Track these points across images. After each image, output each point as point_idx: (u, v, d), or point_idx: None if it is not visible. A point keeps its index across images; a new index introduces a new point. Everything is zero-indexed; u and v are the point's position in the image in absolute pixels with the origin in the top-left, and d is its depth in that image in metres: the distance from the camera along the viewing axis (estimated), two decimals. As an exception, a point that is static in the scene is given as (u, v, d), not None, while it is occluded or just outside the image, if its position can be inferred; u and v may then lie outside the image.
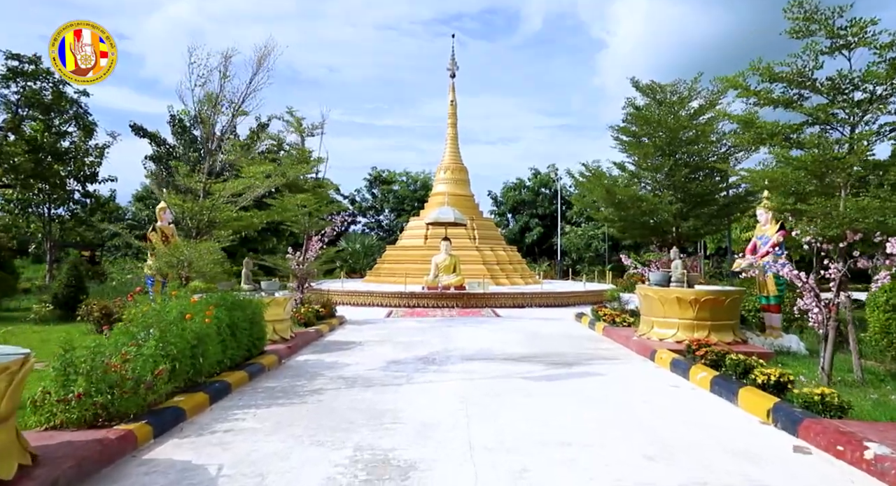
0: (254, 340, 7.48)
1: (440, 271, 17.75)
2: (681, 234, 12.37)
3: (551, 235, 41.23)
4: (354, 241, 39.52)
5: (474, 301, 16.79)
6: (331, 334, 11.16)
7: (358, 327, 12.16)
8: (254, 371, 6.97)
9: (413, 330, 11.54)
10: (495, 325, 12.52)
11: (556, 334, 10.84)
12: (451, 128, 23.63)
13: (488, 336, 10.57)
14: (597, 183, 12.07)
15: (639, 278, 13.65)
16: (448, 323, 12.78)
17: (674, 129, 10.84)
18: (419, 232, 22.40)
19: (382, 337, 10.54)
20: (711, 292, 8.57)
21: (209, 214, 6.75)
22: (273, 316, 8.97)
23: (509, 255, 21.99)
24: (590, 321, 12.08)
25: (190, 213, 6.73)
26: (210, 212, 6.73)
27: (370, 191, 45.30)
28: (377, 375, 7.12)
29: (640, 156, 11.27)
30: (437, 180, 23.90)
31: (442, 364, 7.79)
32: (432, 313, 15.07)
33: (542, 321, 13.22)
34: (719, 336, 8.41)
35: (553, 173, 40.16)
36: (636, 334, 9.46)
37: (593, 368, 7.52)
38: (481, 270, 20.22)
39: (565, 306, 17.69)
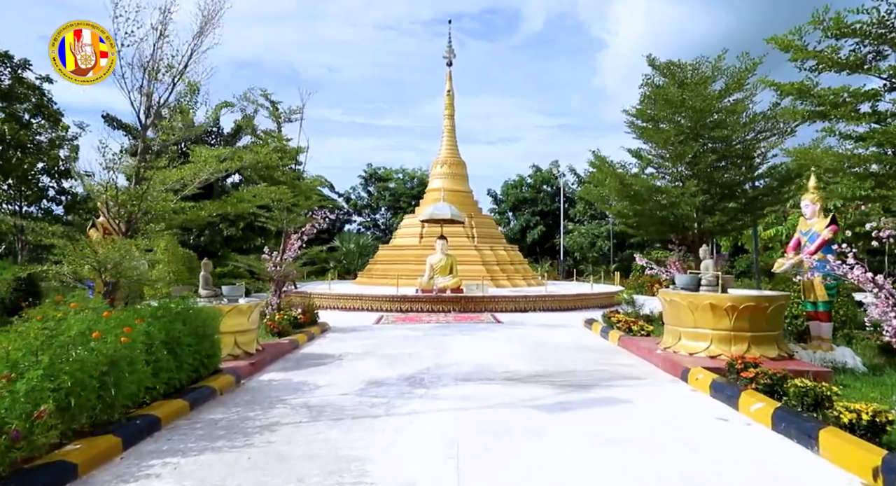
0: (202, 358, 6.21)
1: (435, 273, 16.47)
2: (703, 230, 11.10)
3: (553, 234, 39.95)
4: (349, 240, 38.24)
5: (472, 305, 15.52)
6: (308, 345, 9.88)
7: (341, 336, 10.89)
8: (198, 398, 5.70)
9: (403, 340, 10.27)
10: (495, 333, 11.24)
11: (565, 345, 9.57)
12: (447, 120, 22.34)
13: (487, 348, 9.30)
14: (609, 173, 10.79)
15: (656, 280, 12.25)
16: (443, 331, 11.50)
17: (700, 110, 9.57)
18: (414, 230, 21.13)
19: (367, 349, 9.27)
20: (752, 297, 7.29)
21: (140, 205, 5.47)
22: (234, 327, 7.71)
23: (510, 254, 20.71)
24: (602, 329, 10.81)
25: (114, 203, 5.45)
26: (140, 201, 5.46)
27: (365, 189, 44.02)
28: (351, 402, 5.84)
29: (659, 142, 10.00)
30: (433, 175, 22.60)
31: (431, 386, 6.51)
32: (426, 319, 13.80)
33: (548, 329, 11.94)
34: (761, 350, 7.14)
35: (555, 170, 38.87)
36: (660, 347, 8.18)
37: (614, 391, 6.25)
38: (480, 271, 18.95)
39: (572, 309, 16.42)
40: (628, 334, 9.74)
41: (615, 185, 10.68)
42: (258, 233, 22.65)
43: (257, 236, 22.55)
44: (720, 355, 7.25)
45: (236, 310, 7.73)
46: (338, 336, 10.93)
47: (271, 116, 11.39)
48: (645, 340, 9.19)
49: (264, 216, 11.39)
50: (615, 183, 10.66)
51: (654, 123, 10.51)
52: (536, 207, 40.54)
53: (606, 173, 10.85)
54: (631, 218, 11.28)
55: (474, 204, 22.66)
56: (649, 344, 8.61)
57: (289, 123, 11.51)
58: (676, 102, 9.66)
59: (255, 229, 22.50)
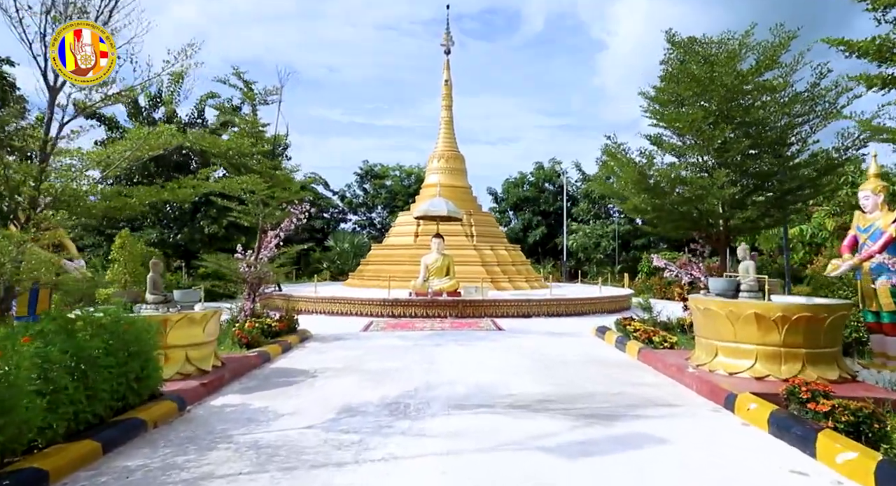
0: (131, 381, 5.00)
1: (431, 274, 15.26)
2: (730, 227, 9.90)
3: (556, 234, 38.74)
4: (343, 240, 37.06)
5: (471, 310, 14.31)
6: (282, 357, 8.67)
7: (322, 347, 9.68)
8: (117, 436, 4.49)
9: (391, 351, 9.06)
10: (496, 342, 10.03)
11: (578, 359, 8.36)
12: (445, 111, 21.11)
13: (487, 362, 8.09)
14: (625, 162, 9.57)
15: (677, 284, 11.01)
16: (437, 340, 10.29)
17: (732, 89, 8.36)
18: (409, 229, 19.90)
19: (348, 363, 8.07)
20: (807, 306, 6.08)
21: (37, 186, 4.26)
22: (185, 339, 6.50)
23: (511, 255, 19.49)
24: (617, 340, 9.59)
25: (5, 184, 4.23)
26: (39, 181, 4.25)
27: (361, 186, 42.72)
28: (314, 440, 4.63)
29: (684, 126, 8.78)
30: (429, 170, 21.34)
31: (418, 417, 5.30)
32: (420, 325, 12.59)
33: (556, 338, 10.73)
34: (819, 371, 5.94)
35: (557, 167, 37.64)
36: (691, 363, 6.98)
37: (645, 425, 5.04)
38: (479, 272, 17.72)
39: (579, 314, 15.21)
40: (649, 347, 8.53)
41: (632, 176, 9.47)
42: (242, 231, 21.41)
43: (242, 235, 21.30)
44: (767, 376, 6.05)
45: (187, 319, 6.51)
46: (318, 347, 9.71)
47: (244, 98, 10.17)
48: (670, 353, 7.97)
49: (237, 211, 10.18)
50: (632, 174, 9.46)
51: (677, 106, 9.30)
52: (538, 206, 39.31)
53: (621, 163, 9.63)
54: (649, 213, 10.06)
55: (473, 200, 21.44)
56: (677, 360, 7.39)
57: (265, 106, 10.30)
58: (704, 79, 8.45)
59: (240, 227, 21.27)
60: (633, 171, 9.25)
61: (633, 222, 37.82)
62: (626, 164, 9.49)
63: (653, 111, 9.79)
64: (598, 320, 13.65)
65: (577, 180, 39.97)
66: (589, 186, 10.10)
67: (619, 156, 9.54)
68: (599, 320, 13.68)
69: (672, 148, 9.54)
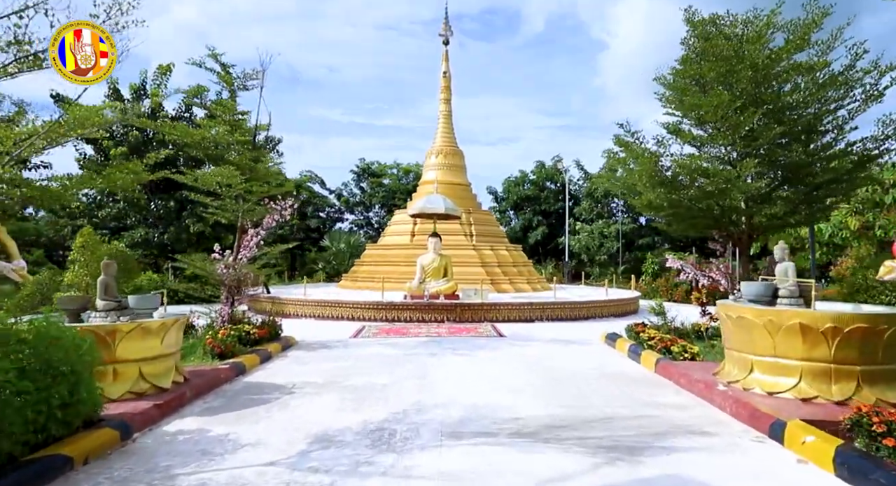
0: (52, 410, 4.13)
1: (427, 275, 14.40)
2: (754, 225, 9.05)
3: (557, 234, 37.89)
4: (339, 239, 36.24)
5: (470, 314, 13.45)
6: (259, 369, 7.81)
7: (305, 356, 8.82)
8: (25, 481, 3.62)
9: (380, 362, 8.20)
10: (497, 351, 9.17)
11: (588, 373, 7.49)
12: (443, 104, 20.24)
13: (487, 375, 7.23)
14: (639, 153, 8.70)
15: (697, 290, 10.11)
16: (432, 348, 9.43)
17: (763, 68, 7.50)
18: (405, 228, 19.04)
19: (330, 377, 7.21)
20: (863, 316, 5.22)
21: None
22: (138, 353, 5.64)
23: (513, 255, 18.62)
24: (630, 349, 8.73)
25: None
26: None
27: (358, 185, 41.85)
28: (273, 483, 3.77)
29: (707, 111, 7.91)
30: (426, 167, 20.46)
31: (405, 449, 4.44)
32: (415, 331, 11.73)
33: (562, 346, 9.87)
34: (877, 392, 5.09)
35: (559, 164, 36.73)
36: (721, 380, 6.12)
37: (678, 462, 4.17)
38: (479, 273, 16.86)
39: (585, 319, 14.36)
40: (667, 358, 7.66)
41: (647, 168, 8.61)
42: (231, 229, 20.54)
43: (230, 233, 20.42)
44: (815, 398, 5.20)
45: (141, 329, 5.65)
46: (301, 356, 8.85)
47: (221, 82, 9.30)
48: (693, 367, 7.11)
49: (213, 207, 9.32)
50: (647, 166, 8.60)
51: (698, 91, 8.43)
52: (539, 205, 38.46)
53: (635, 154, 8.75)
54: (664, 210, 9.20)
55: (473, 198, 20.56)
56: (703, 374, 6.53)
57: (245, 91, 9.42)
58: (731, 57, 7.58)
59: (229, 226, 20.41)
60: (649, 162, 8.38)
61: (636, 221, 36.98)
62: (640, 154, 8.62)
63: (669, 99, 8.93)
64: (606, 326, 12.81)
65: (579, 179, 39.13)
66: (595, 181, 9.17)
67: (632, 146, 8.67)
68: (607, 326, 12.83)
69: (691, 138, 8.67)
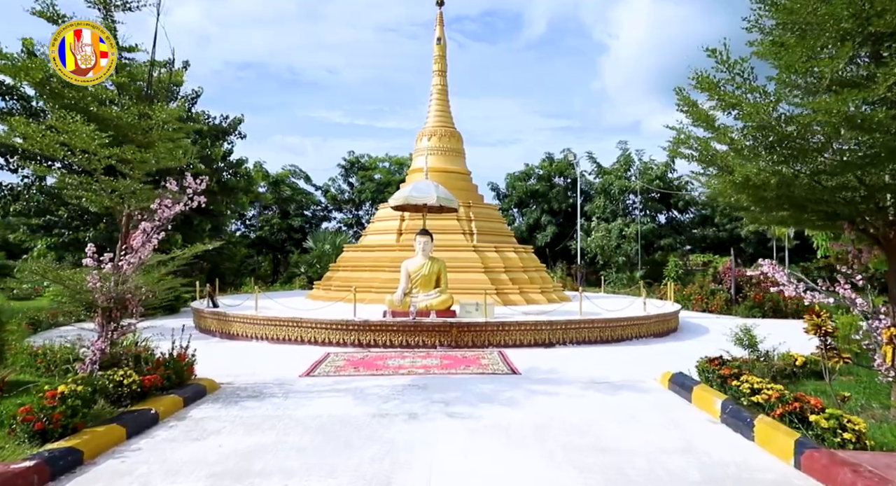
0: None
1: (414, 285, 11.30)
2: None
3: (566, 235, 34.82)
4: (324, 240, 33.07)
5: (470, 336, 10.36)
6: (111, 455, 4.71)
7: (212, 419, 5.73)
8: None
9: (325, 436, 5.12)
10: (514, 409, 6.08)
11: (680, 471, 4.38)
12: (437, 77, 17.11)
13: (504, 476, 4.13)
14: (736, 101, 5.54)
15: (812, 313, 6.77)
16: (414, 400, 6.35)
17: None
18: (390, 225, 15.94)
19: (225, 474, 4.12)
20: None
21: None
22: None
23: (523, 258, 15.50)
24: (727, 412, 5.59)
25: None
26: None
27: (346, 180, 38.69)
28: None
29: (806, 54, 4.86)
30: (416, 152, 17.30)
31: None
32: (393, 363, 8.65)
33: (608, 395, 6.76)
34: None
35: (570, 156, 33.64)
36: None
37: None
38: (481, 281, 13.77)
39: (618, 341, 11.29)
40: (814, 440, 4.54)
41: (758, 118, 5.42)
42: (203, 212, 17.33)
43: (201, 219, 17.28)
44: None
45: None
46: (205, 418, 5.75)
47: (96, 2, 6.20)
48: (877, 461, 4.00)
49: (72, 186, 6.20)
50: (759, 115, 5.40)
51: (791, 23, 5.29)
52: (548, 202, 35.36)
53: (732, 102, 5.59)
54: (769, 191, 6.02)
55: (473, 189, 17.43)
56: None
57: (131, 13, 6.32)
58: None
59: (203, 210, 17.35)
60: (759, 111, 5.25)
61: (655, 220, 33.95)
62: (739, 101, 5.48)
63: (778, 7, 5.71)
64: (650, 352, 9.75)
65: (591, 172, 36.08)
66: (674, 148, 6.05)
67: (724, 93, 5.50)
68: (651, 352, 9.77)
69: (793, 87, 5.53)
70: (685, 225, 34.20)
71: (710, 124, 5.84)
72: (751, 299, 18.24)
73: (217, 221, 17.63)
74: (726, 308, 18.87)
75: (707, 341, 11.81)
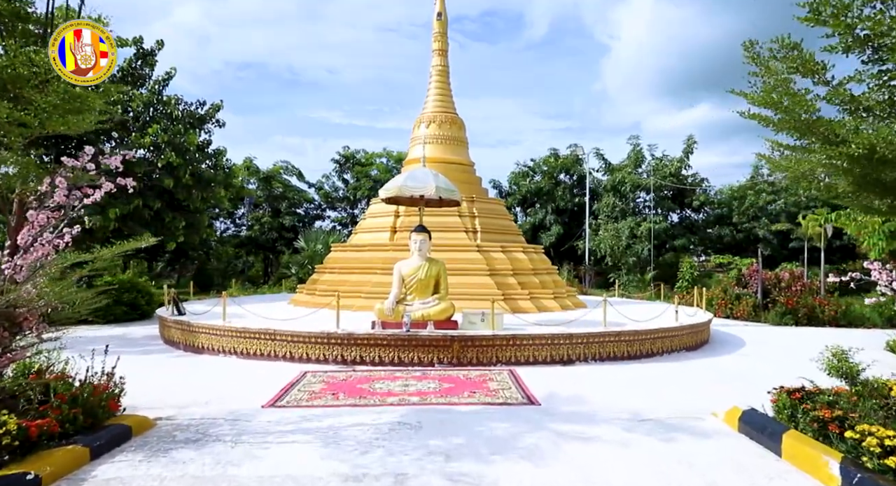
0: None
1: (410, 290, 9.69)
2: None
3: (573, 235, 33.21)
4: (316, 239, 31.45)
5: (475, 353, 8.76)
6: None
7: (121, 484, 4.10)
8: None
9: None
10: (538, 469, 4.48)
11: None
12: (437, 56, 15.50)
13: None
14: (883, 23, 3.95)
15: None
16: (403, 449, 4.74)
17: None
18: (383, 221, 14.33)
19: None
20: None
21: None
22: None
23: (533, 260, 13.88)
24: (855, 482, 3.98)
25: None
26: None
27: (341, 176, 37.04)
28: None
29: None
30: (413, 140, 15.67)
31: None
32: (382, 388, 7.05)
33: (662, 442, 5.14)
34: None
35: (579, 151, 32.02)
36: None
37: None
38: (486, 286, 12.18)
39: (648, 356, 9.72)
40: None
41: None
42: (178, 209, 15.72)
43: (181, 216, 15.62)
44: None
45: None
46: (108, 484, 4.14)
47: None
48: None
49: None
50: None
51: None
52: (553, 201, 33.73)
53: (873, 28, 3.98)
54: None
55: (477, 182, 15.82)
56: None
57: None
58: None
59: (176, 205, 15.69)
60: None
61: (667, 219, 32.37)
62: (884, 31, 3.88)
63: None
64: (689, 371, 8.14)
65: (599, 169, 34.48)
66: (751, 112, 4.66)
67: (861, 19, 3.90)
68: (691, 372, 8.17)
69: None
70: (699, 225, 32.61)
71: (821, 73, 4.21)
72: (782, 305, 16.64)
73: (193, 219, 15.99)
74: (754, 315, 17.26)
75: (749, 357, 10.24)
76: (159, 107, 15.17)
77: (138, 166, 14.22)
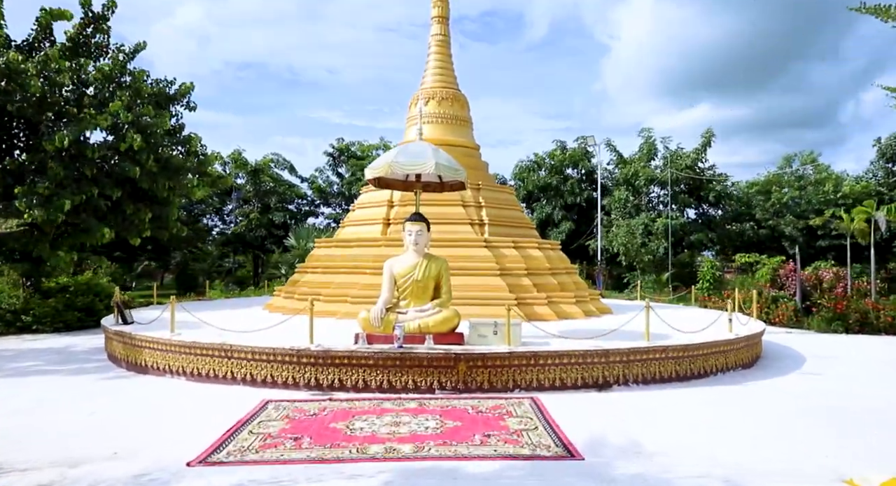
0: None
1: (403, 294, 7.79)
2: None
3: (582, 232, 31.32)
4: (308, 237, 29.58)
5: (486, 375, 6.87)
6: None
7: None
8: None
9: None
10: None
11: None
12: (437, 24, 13.54)
13: None
14: None
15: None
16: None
17: None
18: (375, 212, 12.42)
19: None
20: None
21: None
22: None
23: (550, 257, 11.94)
24: None
25: None
26: None
27: (335, 170, 35.11)
28: None
29: None
30: (408, 120, 13.63)
31: None
32: (365, 427, 5.17)
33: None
34: None
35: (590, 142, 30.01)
36: None
37: None
38: (497, 288, 10.29)
39: (698, 377, 7.87)
40: None
41: None
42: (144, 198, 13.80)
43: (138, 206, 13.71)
44: None
45: None
46: None
47: None
48: None
49: None
50: None
51: None
52: (562, 196, 31.80)
53: None
54: None
55: (483, 167, 13.89)
56: None
57: None
58: None
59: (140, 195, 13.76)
60: None
61: (684, 214, 30.47)
62: None
63: None
64: (761, 400, 6.20)
65: (609, 162, 32.58)
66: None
67: None
68: (764, 400, 6.22)
69: None
70: (717, 221, 30.71)
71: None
72: (828, 310, 14.75)
73: (160, 211, 14.10)
74: (795, 320, 15.37)
75: (826, 378, 8.34)
76: (124, 79, 13.31)
77: (93, 150, 12.35)
